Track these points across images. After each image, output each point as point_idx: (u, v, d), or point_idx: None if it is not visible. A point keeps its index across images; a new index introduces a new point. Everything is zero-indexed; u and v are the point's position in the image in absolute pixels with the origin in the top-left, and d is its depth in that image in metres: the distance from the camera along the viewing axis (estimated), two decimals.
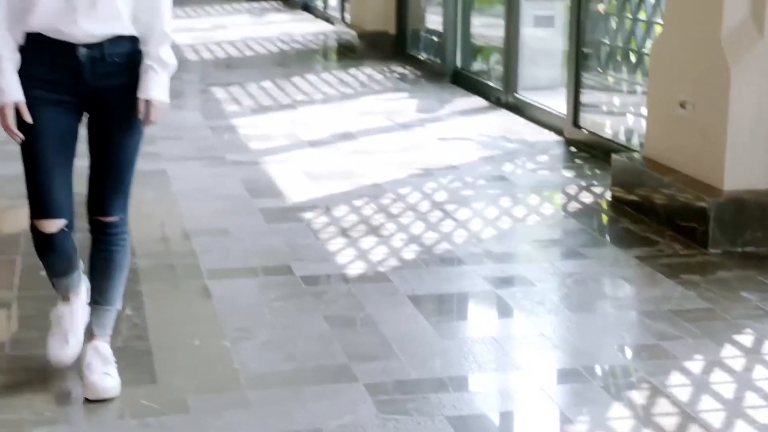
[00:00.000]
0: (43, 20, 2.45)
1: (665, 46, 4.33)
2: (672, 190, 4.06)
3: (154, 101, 2.54)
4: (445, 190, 4.57)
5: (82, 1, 2.44)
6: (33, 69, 2.51)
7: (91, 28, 2.47)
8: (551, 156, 5.22)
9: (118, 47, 2.52)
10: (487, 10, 7.45)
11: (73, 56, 2.49)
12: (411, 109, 6.33)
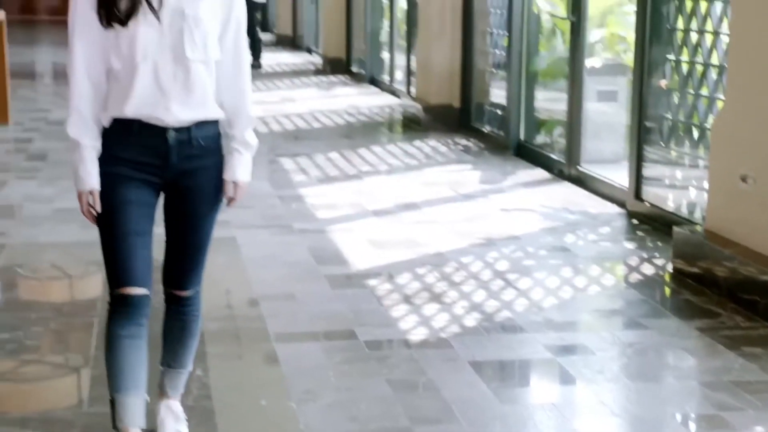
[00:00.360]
0: (138, 108, 2.50)
1: (726, 120, 4.39)
2: (734, 263, 4.08)
3: (239, 182, 2.62)
4: (506, 260, 4.64)
5: (175, 88, 2.49)
6: (121, 151, 2.54)
7: (183, 114, 2.52)
8: (613, 228, 5.27)
9: (204, 130, 2.57)
10: (550, 85, 7.56)
11: (163, 140, 2.53)
12: (474, 180, 6.43)
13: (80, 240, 4.75)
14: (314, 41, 14.99)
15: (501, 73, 7.77)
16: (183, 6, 2.46)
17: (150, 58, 2.47)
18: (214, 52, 2.52)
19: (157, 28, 2.45)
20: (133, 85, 2.48)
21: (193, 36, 2.47)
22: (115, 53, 2.48)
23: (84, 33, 2.48)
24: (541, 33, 7.56)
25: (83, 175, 2.52)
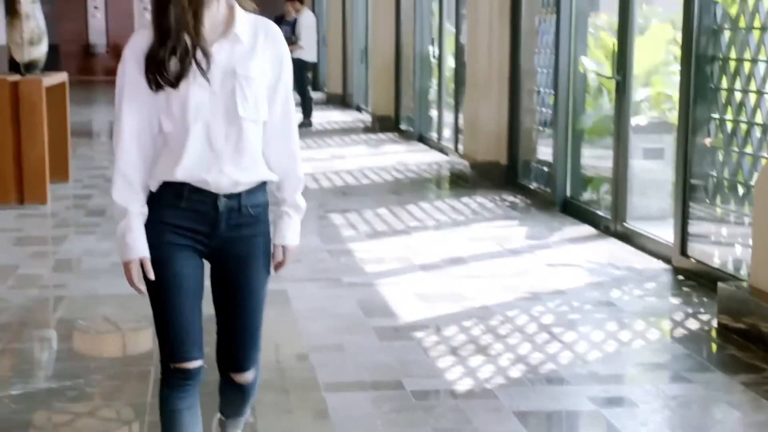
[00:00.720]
0: (189, 170, 2.44)
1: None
2: None
3: (288, 246, 2.57)
4: (552, 314, 4.71)
5: (228, 149, 2.44)
6: (169, 216, 2.47)
7: (236, 177, 2.46)
8: (659, 283, 5.32)
9: (253, 197, 2.51)
10: (596, 142, 7.65)
11: (213, 206, 2.47)
12: (520, 235, 6.52)
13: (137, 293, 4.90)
14: (364, 99, 15.25)
15: (547, 130, 7.88)
16: (234, 65, 2.43)
17: (202, 119, 2.41)
18: (264, 112, 2.48)
19: (208, 89, 2.41)
20: (184, 147, 2.42)
21: (245, 95, 2.43)
22: (166, 115, 2.43)
23: (132, 97, 2.43)
24: (587, 91, 7.67)
25: (131, 242, 2.43)
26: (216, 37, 2.43)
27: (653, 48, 7.28)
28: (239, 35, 2.44)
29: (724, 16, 5.37)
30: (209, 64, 2.40)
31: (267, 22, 2.51)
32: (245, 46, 2.45)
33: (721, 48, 5.37)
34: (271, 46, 2.48)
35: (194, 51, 2.38)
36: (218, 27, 2.44)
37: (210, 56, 2.40)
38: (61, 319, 4.76)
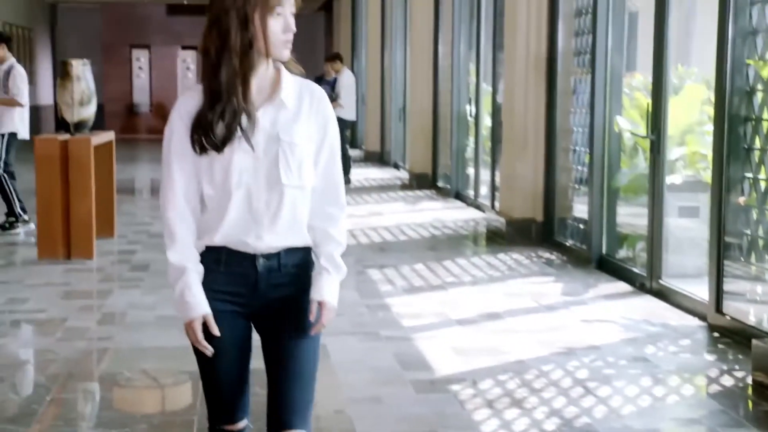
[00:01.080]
0: (228, 235, 2.44)
1: None
2: None
3: (326, 303, 2.49)
4: (586, 369, 4.77)
5: (268, 215, 2.43)
6: (212, 281, 2.46)
7: (273, 241, 2.45)
8: (694, 340, 5.35)
9: (293, 257, 2.49)
10: (632, 200, 7.72)
11: (252, 267, 2.46)
12: (556, 292, 6.59)
13: (180, 345, 5.02)
14: (401, 157, 15.43)
15: (583, 188, 7.97)
16: (278, 131, 2.42)
17: (244, 185, 2.40)
18: (309, 178, 2.46)
19: (251, 154, 2.40)
20: (225, 212, 2.42)
21: (288, 161, 2.41)
22: (208, 180, 2.42)
23: (181, 159, 2.43)
24: (622, 150, 7.76)
25: (191, 300, 2.43)
26: (262, 101, 2.43)
27: (688, 108, 7.38)
28: (284, 100, 2.43)
29: (756, 77, 5.47)
30: (254, 130, 2.40)
31: (312, 86, 2.50)
32: (290, 111, 2.44)
33: (754, 109, 5.46)
34: (316, 110, 2.47)
35: (241, 115, 2.38)
36: (264, 90, 2.44)
37: (256, 121, 2.40)
38: (106, 371, 4.89)
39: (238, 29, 2.37)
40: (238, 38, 2.36)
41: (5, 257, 7.87)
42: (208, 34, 2.41)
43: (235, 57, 2.36)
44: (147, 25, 25.75)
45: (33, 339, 5.50)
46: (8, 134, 8.93)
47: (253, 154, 2.40)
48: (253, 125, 2.40)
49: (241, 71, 2.37)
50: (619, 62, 7.55)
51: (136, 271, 7.28)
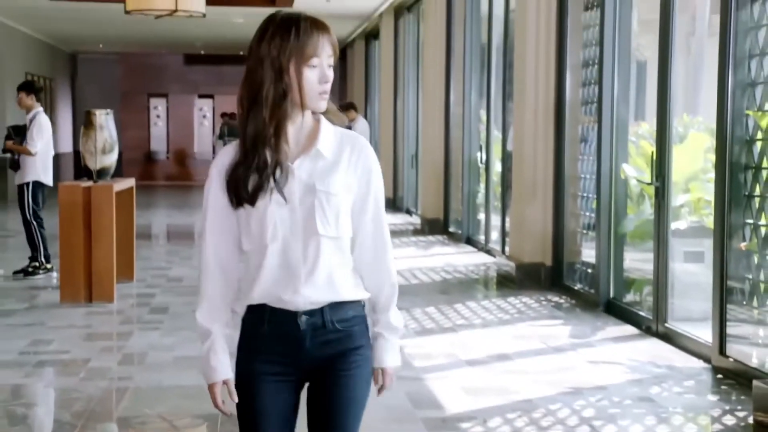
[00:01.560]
0: (266, 291, 2.35)
1: None
2: None
3: (387, 369, 2.45)
4: (593, 408, 4.90)
5: (305, 268, 2.33)
6: (256, 342, 2.39)
7: (313, 295, 2.35)
8: (698, 381, 5.48)
9: (339, 312, 2.38)
10: (639, 245, 7.87)
11: (294, 325, 2.36)
12: (564, 334, 6.72)
13: (199, 384, 5.18)
14: (414, 203, 15.63)
15: (591, 233, 8.13)
16: (314, 181, 2.34)
17: (280, 238, 2.33)
18: (346, 229, 2.38)
19: (287, 206, 2.33)
20: (261, 267, 2.34)
21: (324, 212, 2.33)
22: (246, 234, 2.37)
23: (216, 215, 2.39)
24: (629, 197, 7.93)
25: (215, 365, 2.37)
26: (299, 152, 2.36)
27: (692, 156, 7.55)
28: (322, 150, 2.36)
29: (755, 127, 5.64)
30: (287, 181, 2.33)
31: (354, 136, 2.44)
32: (328, 160, 2.36)
33: (754, 157, 5.63)
34: (357, 160, 2.39)
35: (273, 167, 2.33)
36: (302, 141, 2.38)
37: (289, 173, 2.33)
38: (128, 409, 5.03)
39: (272, 80, 2.32)
40: (272, 89, 2.31)
41: (28, 300, 8.06)
42: (243, 85, 2.37)
43: (266, 108, 2.31)
44: (164, 75, 26.16)
45: (57, 379, 5.65)
46: (32, 182, 9.15)
47: (288, 205, 2.33)
48: (286, 176, 2.33)
49: (273, 122, 2.32)
50: (625, 111, 7.74)
51: (155, 314, 7.45)
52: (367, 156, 2.41)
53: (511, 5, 10.00)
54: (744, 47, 5.64)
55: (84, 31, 20.79)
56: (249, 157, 2.33)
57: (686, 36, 9.17)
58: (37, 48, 21.89)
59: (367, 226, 2.42)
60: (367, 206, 2.41)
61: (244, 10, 16.78)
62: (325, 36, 2.34)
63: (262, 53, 2.34)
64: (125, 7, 12.40)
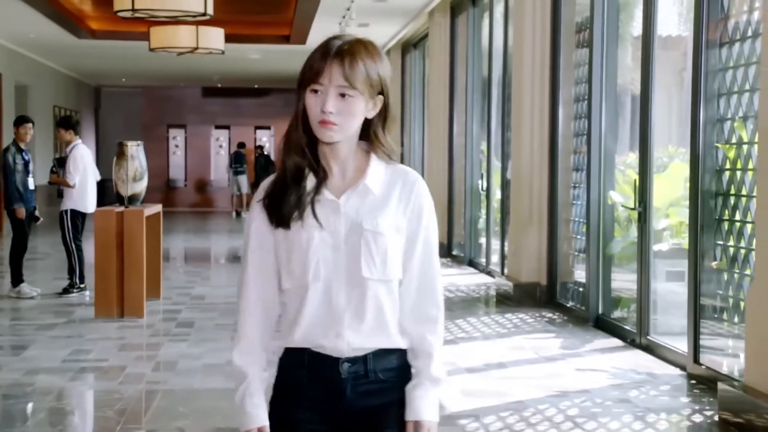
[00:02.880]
0: (307, 334, 2.13)
1: (757, 293, 5.13)
2: (762, 410, 4.72)
3: (424, 423, 2.13)
4: (577, 408, 5.36)
5: (348, 311, 2.11)
6: (293, 387, 2.17)
7: (356, 342, 2.12)
8: (673, 386, 5.93)
9: (382, 362, 2.15)
10: (625, 266, 8.32)
11: (335, 372, 2.13)
12: (556, 346, 7.18)
13: (226, 387, 5.68)
14: None
15: (582, 255, 8.59)
16: (361, 219, 2.11)
17: (322, 278, 2.11)
18: (395, 272, 2.14)
19: (331, 244, 2.11)
20: (302, 308, 2.12)
21: (371, 253, 2.10)
22: (287, 272, 2.14)
23: (257, 250, 2.17)
24: (617, 221, 8.40)
25: (251, 410, 2.15)
26: (345, 187, 2.15)
27: (673, 183, 8.02)
28: (370, 186, 2.13)
29: (724, 158, 6.12)
30: (327, 216, 2.12)
31: (406, 171, 2.20)
32: (377, 197, 2.14)
33: (723, 185, 6.11)
34: (408, 197, 2.16)
35: (314, 200, 2.12)
36: (349, 175, 2.16)
37: (335, 209, 2.12)
38: (163, 407, 5.49)
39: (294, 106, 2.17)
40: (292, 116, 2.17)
41: (66, 315, 8.55)
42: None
43: (284, 135, 2.18)
44: (183, 106, 26.78)
45: (98, 383, 6.13)
46: (69, 210, 9.66)
47: (332, 244, 2.11)
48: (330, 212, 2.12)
49: (284, 149, 2.16)
50: (612, 143, 8.23)
51: (181, 327, 7.93)
52: (419, 193, 2.18)
53: (509, 42, 10.50)
54: (713, 87, 6.13)
55: (108, 66, 21.43)
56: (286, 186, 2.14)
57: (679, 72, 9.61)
58: (64, 82, 22.53)
59: (414, 268, 2.18)
60: (416, 247, 2.18)
61: (259, 46, 17.38)
62: (336, 62, 2.07)
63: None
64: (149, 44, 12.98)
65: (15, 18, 14.33)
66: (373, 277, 2.12)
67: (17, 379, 6.10)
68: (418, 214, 2.19)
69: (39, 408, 5.49)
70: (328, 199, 2.13)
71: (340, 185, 2.16)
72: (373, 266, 2.11)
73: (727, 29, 6.02)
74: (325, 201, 2.13)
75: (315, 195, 2.12)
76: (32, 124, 9.75)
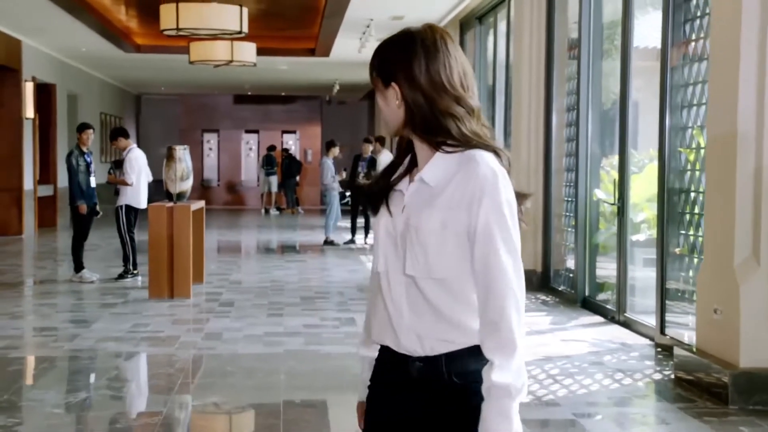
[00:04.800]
0: (378, 330, 2.00)
1: (705, 273, 5.87)
2: (709, 368, 5.47)
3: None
4: (558, 368, 6.10)
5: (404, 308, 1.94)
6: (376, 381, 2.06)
7: (412, 342, 1.93)
8: (641, 353, 6.66)
9: (460, 363, 1.92)
10: (609, 254, 9.03)
11: (406, 372, 1.95)
12: (546, 322, 7.92)
13: (264, 352, 6.48)
14: None
15: (572, 246, 9.32)
16: (410, 213, 1.94)
17: (384, 273, 1.98)
18: (443, 269, 1.91)
19: (393, 238, 1.97)
20: (375, 302, 2.01)
21: (414, 250, 1.92)
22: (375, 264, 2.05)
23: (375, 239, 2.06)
24: (602, 215, 9.11)
25: (360, 386, 2.12)
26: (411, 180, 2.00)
27: (648, 182, 8.73)
28: (425, 178, 1.94)
29: (686, 161, 6.84)
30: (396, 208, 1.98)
31: (472, 157, 1.91)
32: (432, 189, 1.93)
33: (685, 184, 6.83)
34: (463, 187, 1.89)
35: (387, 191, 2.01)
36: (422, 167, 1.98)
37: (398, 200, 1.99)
38: (215, 366, 6.28)
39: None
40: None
41: (123, 297, 9.36)
42: None
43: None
44: (216, 112, 27.62)
45: (159, 348, 6.92)
46: (124, 206, 10.49)
47: (393, 237, 1.96)
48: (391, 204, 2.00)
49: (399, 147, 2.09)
50: (597, 147, 8.95)
51: (224, 306, 8.73)
52: (476, 183, 1.88)
53: (510, 56, 11.22)
54: (677, 99, 6.85)
55: (149, 76, 22.28)
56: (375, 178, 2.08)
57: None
58: (109, 91, 23.43)
59: (476, 265, 1.91)
60: (475, 241, 1.90)
61: (287, 59, 18.17)
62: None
63: None
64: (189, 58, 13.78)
65: (69, 34, 15.17)
66: (417, 275, 1.91)
67: (91, 345, 6.91)
68: (475, 205, 1.88)
69: (112, 366, 6.32)
70: (397, 190, 2.01)
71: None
72: (416, 263, 1.91)
73: (688, 51, 6.75)
74: (397, 193, 2.00)
75: (393, 186, 2.01)
76: (93, 130, 10.58)
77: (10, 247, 14.20)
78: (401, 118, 1.97)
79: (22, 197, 15.82)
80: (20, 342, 7.12)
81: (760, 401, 5.16)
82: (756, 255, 5.39)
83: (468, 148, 1.92)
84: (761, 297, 5.35)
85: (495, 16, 12.28)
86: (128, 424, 5.10)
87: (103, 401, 5.42)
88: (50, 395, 5.45)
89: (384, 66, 1.98)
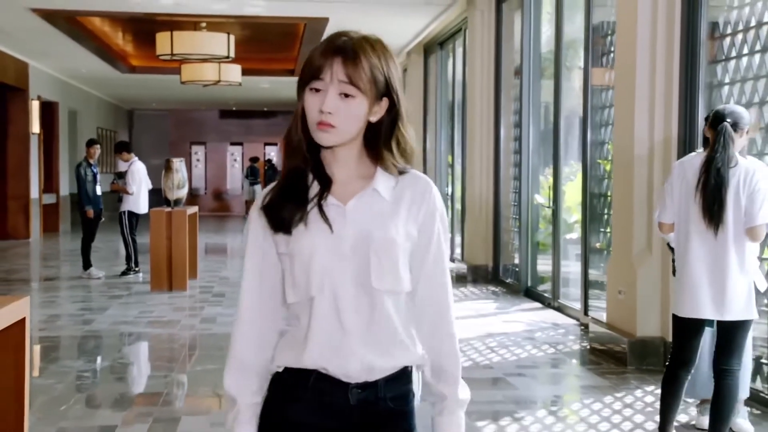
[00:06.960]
0: (318, 355, 1.74)
1: (613, 262, 6.84)
2: (613, 339, 6.44)
3: None
4: (496, 342, 7.05)
5: (359, 326, 1.74)
6: (293, 411, 1.78)
7: (370, 361, 1.74)
8: (567, 330, 7.63)
9: (394, 387, 1.78)
10: (547, 251, 9.99)
11: (343, 398, 1.76)
12: (492, 308, 8.86)
13: None
14: None
15: (517, 243, 10.27)
16: (370, 227, 1.74)
17: (328, 289, 1.73)
18: (405, 283, 1.77)
19: (337, 252, 1.73)
20: (310, 324, 1.74)
21: (381, 262, 1.73)
22: (290, 284, 1.76)
23: (255, 260, 1.80)
24: (542, 217, 10.07)
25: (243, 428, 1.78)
26: (351, 194, 1.77)
27: (579, 188, 9.70)
28: (380, 191, 1.77)
29: (603, 171, 7.82)
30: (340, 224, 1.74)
31: (417, 176, 1.83)
32: (387, 203, 1.78)
33: (603, 189, 7.81)
34: (419, 203, 1.80)
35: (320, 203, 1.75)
36: (355, 181, 1.79)
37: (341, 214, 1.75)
38: (212, 344, 7.17)
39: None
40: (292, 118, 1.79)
41: (128, 290, 10.22)
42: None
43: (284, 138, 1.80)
44: (203, 126, 28.40)
45: (163, 330, 7.80)
46: (127, 211, 11.37)
47: (339, 252, 1.73)
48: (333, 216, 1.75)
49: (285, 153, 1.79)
50: (537, 159, 9.92)
51: (216, 297, 9.61)
52: (431, 199, 1.81)
53: (466, 77, 12.13)
54: (596, 119, 7.83)
55: (142, 94, 23.04)
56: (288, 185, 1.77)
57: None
58: (104, 107, 24.19)
59: (427, 279, 1.80)
60: (428, 255, 1.81)
61: (269, 78, 19.02)
62: (339, 58, 1.71)
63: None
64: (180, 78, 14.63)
65: (71, 56, 15.95)
66: (384, 288, 1.74)
67: (107, 327, 7.79)
68: (430, 221, 1.80)
69: (125, 342, 7.21)
70: (333, 204, 1.76)
71: (344, 192, 1.78)
72: (383, 276, 1.74)
73: (604, 77, 7.72)
74: (331, 206, 1.75)
75: (320, 200, 1.75)
76: (99, 145, 11.45)
77: (20, 250, 15.00)
78: (359, 129, 1.76)
79: (29, 205, 16.61)
80: (46, 325, 7.98)
81: (651, 363, 6.14)
82: (649, 247, 6.38)
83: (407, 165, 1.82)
84: (653, 280, 6.32)
85: (453, 43, 13.24)
86: (144, 383, 5.99)
87: (121, 368, 6.31)
88: (78, 363, 6.34)
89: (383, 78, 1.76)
